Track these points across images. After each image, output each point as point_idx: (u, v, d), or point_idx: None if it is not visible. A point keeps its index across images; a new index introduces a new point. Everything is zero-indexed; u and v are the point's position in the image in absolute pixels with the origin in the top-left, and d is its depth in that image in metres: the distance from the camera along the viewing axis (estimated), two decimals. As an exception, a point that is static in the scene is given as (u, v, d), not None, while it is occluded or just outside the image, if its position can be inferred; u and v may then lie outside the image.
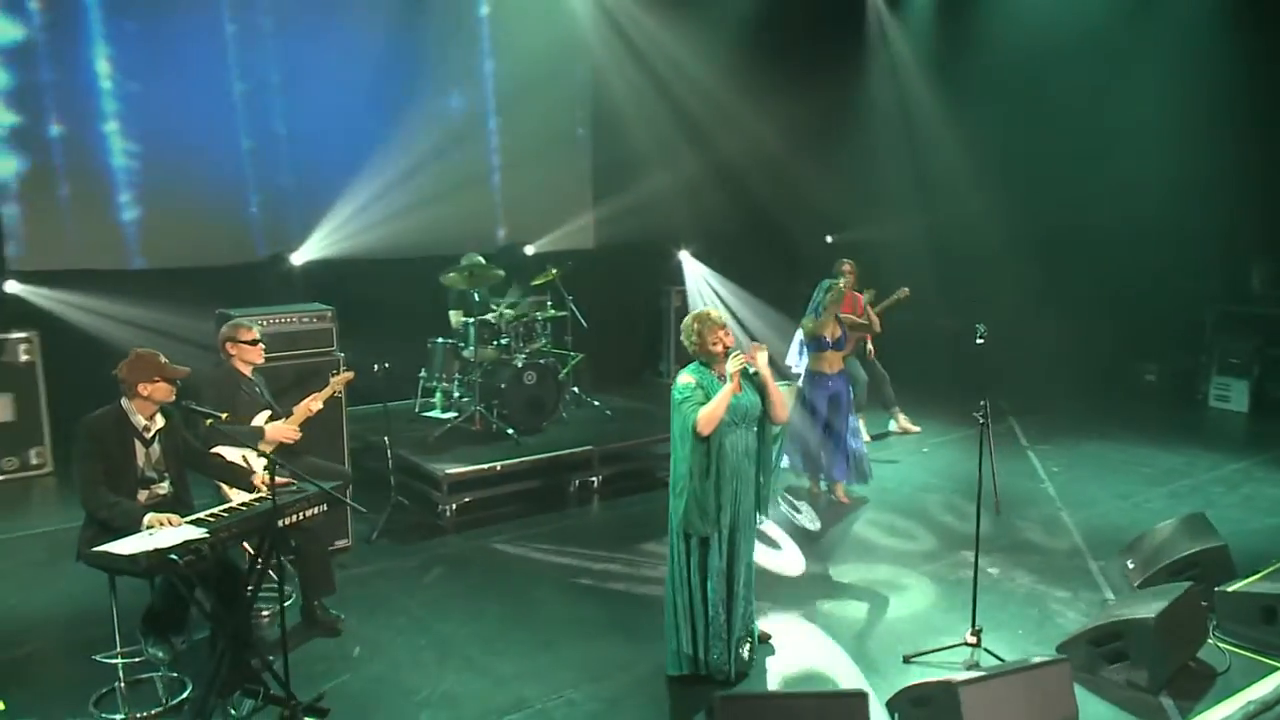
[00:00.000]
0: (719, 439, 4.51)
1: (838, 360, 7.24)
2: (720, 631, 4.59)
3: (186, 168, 8.74)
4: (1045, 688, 4.10)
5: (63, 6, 8.28)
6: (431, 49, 10.08)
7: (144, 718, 4.20)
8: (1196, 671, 4.76)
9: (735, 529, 4.61)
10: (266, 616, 5.32)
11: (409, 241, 9.55)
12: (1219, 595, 5.28)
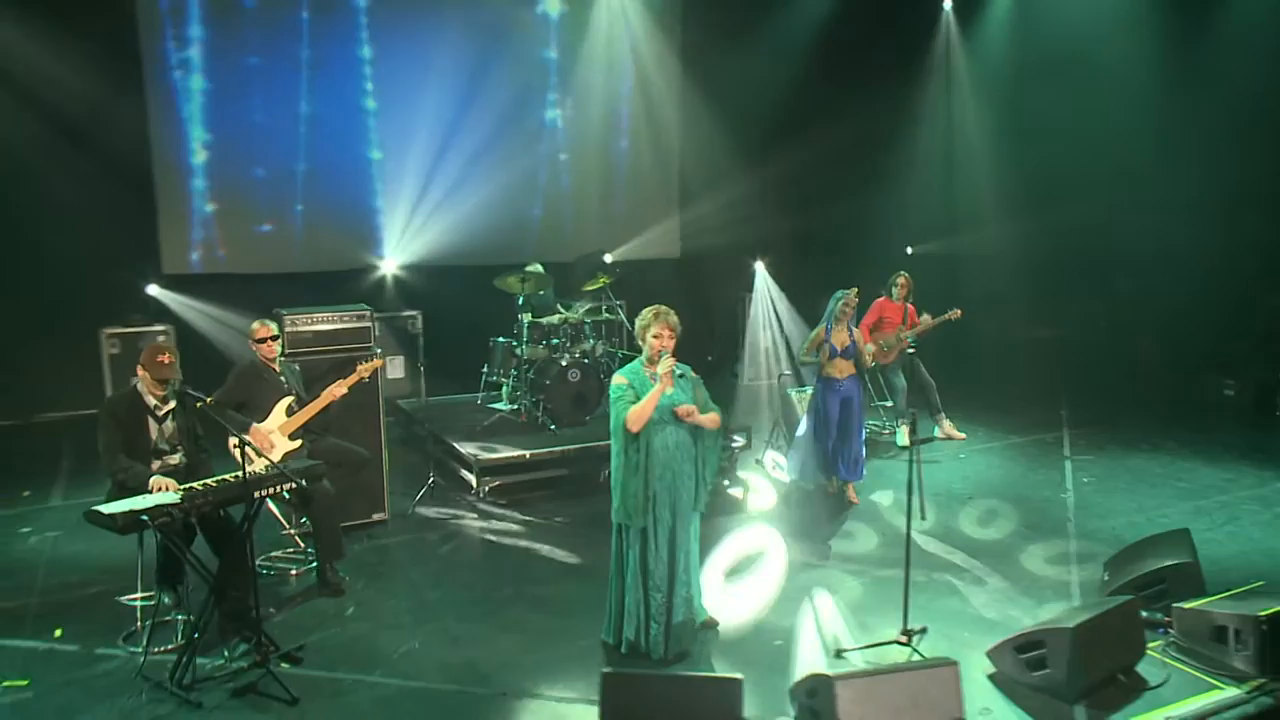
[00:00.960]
0: (647, 436, 4.55)
1: (849, 366, 7.05)
2: (658, 615, 4.62)
3: (299, 187, 9.48)
4: (930, 688, 3.93)
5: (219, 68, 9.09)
6: (521, 72, 10.46)
7: (157, 651, 4.62)
8: (1125, 684, 4.43)
9: (674, 520, 4.63)
10: (295, 575, 5.73)
11: (499, 247, 9.96)
12: (1175, 611, 4.90)
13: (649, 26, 11.15)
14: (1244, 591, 5.01)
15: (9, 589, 5.51)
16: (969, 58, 11.47)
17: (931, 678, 3.97)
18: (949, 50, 11.65)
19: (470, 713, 4.23)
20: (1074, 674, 4.29)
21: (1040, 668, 4.42)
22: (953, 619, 5.16)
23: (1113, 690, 4.39)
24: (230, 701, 4.26)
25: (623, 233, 11.27)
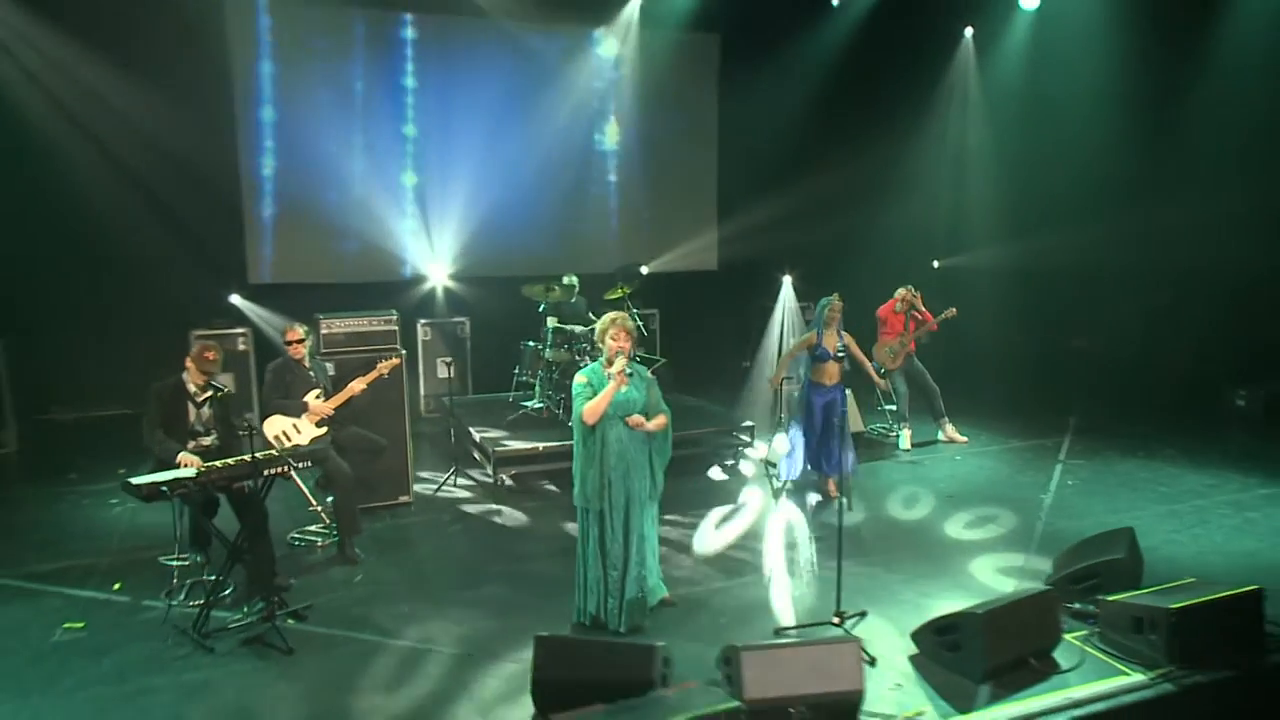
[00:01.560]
0: (602, 430, 4.84)
1: (837, 372, 7.17)
2: (614, 590, 4.89)
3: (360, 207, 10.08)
4: (830, 662, 4.10)
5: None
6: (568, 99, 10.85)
7: (191, 604, 5.11)
8: (1036, 668, 4.49)
9: (628, 505, 4.89)
10: (321, 546, 6.19)
11: (544, 260, 10.37)
12: (1100, 603, 4.92)
13: (689, 56, 11.43)
14: (1171, 587, 4.95)
15: (88, 549, 6.14)
16: (985, 81, 11.36)
17: (833, 652, 4.13)
18: (967, 74, 11.55)
19: (436, 668, 4.56)
20: (981, 656, 4.39)
21: (954, 649, 4.52)
22: (901, 606, 5.23)
23: (1022, 673, 4.45)
24: (238, 649, 4.71)
25: (662, 246, 11.56)
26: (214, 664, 4.58)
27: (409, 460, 6.99)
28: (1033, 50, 10.86)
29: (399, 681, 4.43)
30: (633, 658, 4.04)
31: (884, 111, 11.25)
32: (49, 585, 5.54)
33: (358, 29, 9.94)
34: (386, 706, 4.21)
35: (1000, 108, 11.18)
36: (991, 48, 11.24)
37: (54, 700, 4.26)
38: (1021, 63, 10.97)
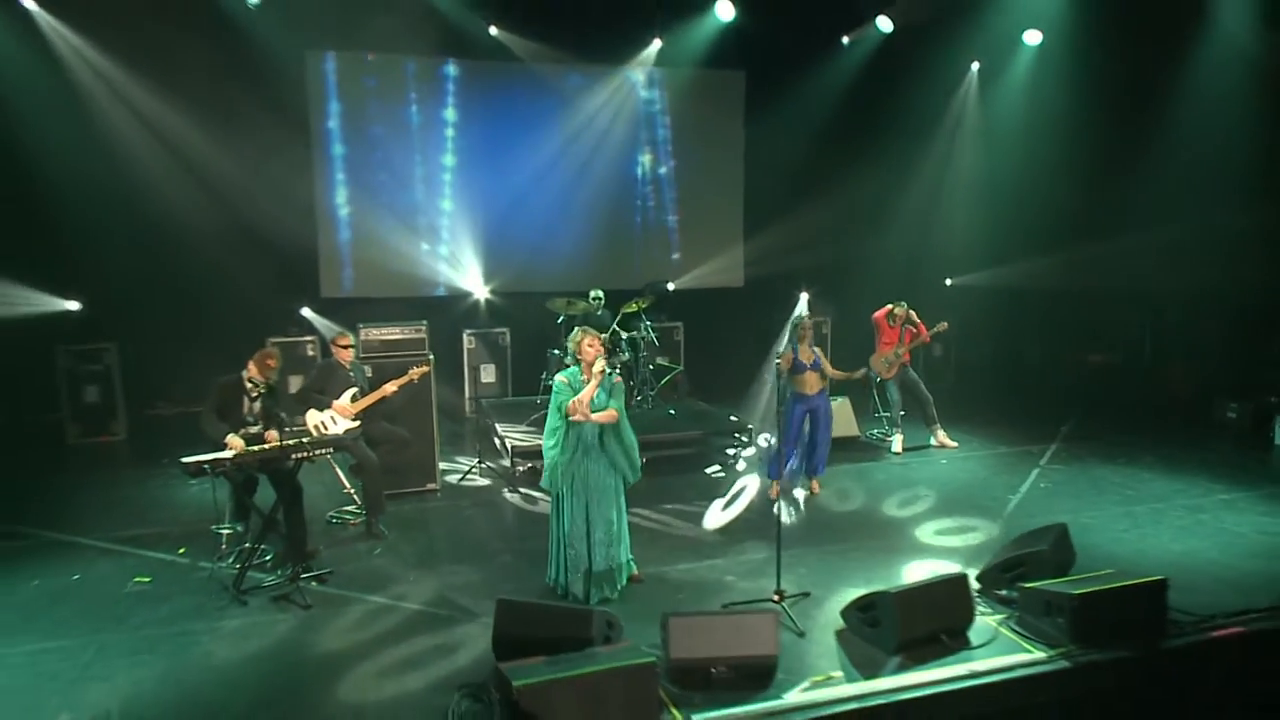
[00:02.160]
0: (575, 426, 5.26)
1: (817, 382, 7.42)
2: (578, 565, 5.30)
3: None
4: (749, 629, 4.42)
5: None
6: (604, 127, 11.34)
7: (236, 566, 5.69)
8: (946, 643, 4.71)
9: (588, 494, 5.29)
10: (354, 524, 6.76)
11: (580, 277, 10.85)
12: (1020, 590, 5.10)
13: (718, 90, 11.80)
14: (1087, 576, 5.09)
15: (165, 519, 6.86)
16: (990, 110, 11.40)
17: (752, 621, 4.46)
18: (972, 103, 11.60)
19: (425, 625, 5.05)
20: (894, 631, 4.65)
21: (874, 625, 4.79)
22: (849, 589, 5.41)
23: (932, 647, 4.69)
24: (267, 604, 5.29)
25: (689, 265, 11.93)
26: (245, 614, 5.17)
27: (436, 452, 7.55)
28: (1034, 81, 10.88)
29: (394, 636, 4.93)
30: (575, 619, 4.44)
31: (896, 138, 11.42)
32: (130, 548, 6.25)
33: (408, 73, 10.61)
34: (379, 653, 4.71)
35: (1004, 135, 11.20)
36: (996, 79, 11.28)
37: (118, 636, 4.91)
38: (1024, 93, 10.99)
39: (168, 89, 9.31)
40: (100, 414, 9.56)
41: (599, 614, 4.50)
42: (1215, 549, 6.14)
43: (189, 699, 4.29)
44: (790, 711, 4.15)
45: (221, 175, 9.64)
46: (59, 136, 8.81)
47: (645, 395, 9.53)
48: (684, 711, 4.11)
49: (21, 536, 6.49)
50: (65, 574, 5.80)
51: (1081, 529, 6.51)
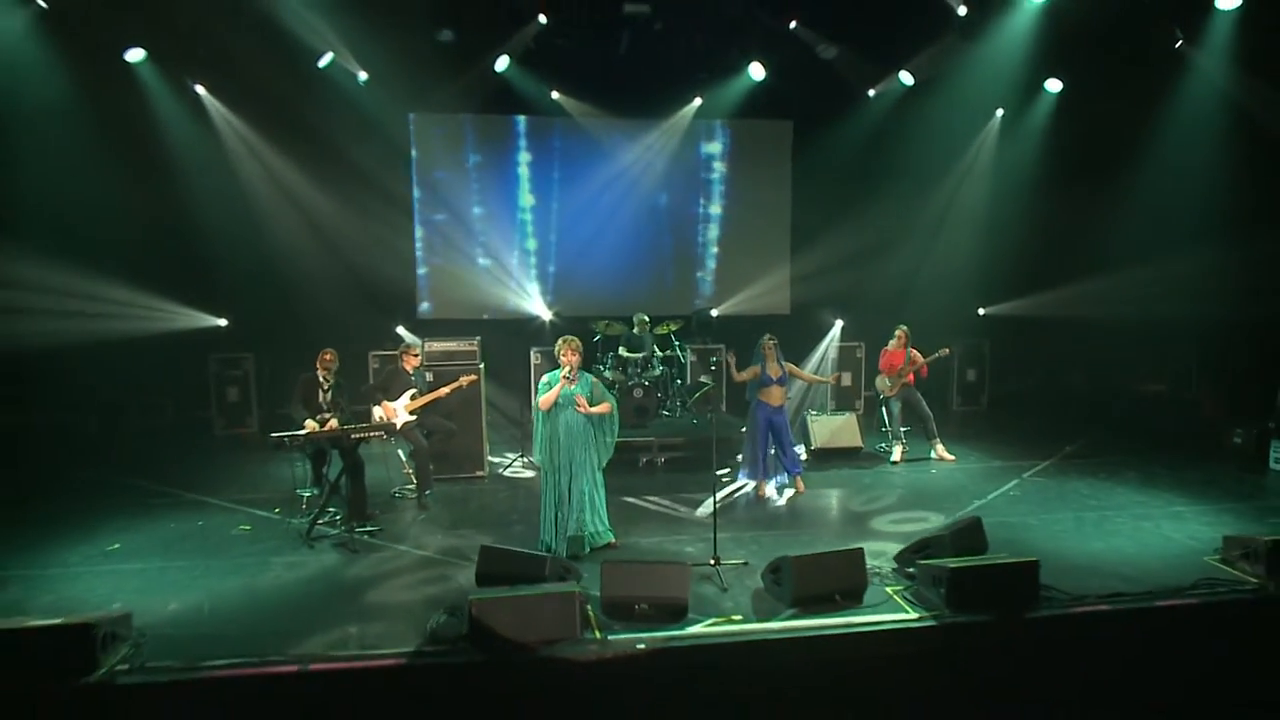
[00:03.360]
0: (555, 415, 6.49)
1: (780, 395, 8.28)
2: (561, 527, 6.50)
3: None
4: (667, 577, 5.47)
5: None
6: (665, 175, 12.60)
7: (308, 521, 7.16)
8: (839, 602, 5.57)
9: (571, 469, 6.49)
10: (410, 498, 8.17)
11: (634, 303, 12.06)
12: (918, 566, 5.90)
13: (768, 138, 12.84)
14: (978, 558, 5.82)
15: (270, 488, 8.44)
16: (1013, 152, 11.89)
17: (670, 571, 5.51)
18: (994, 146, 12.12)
19: (435, 567, 6.36)
20: (791, 588, 5.57)
21: (778, 584, 5.72)
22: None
23: (826, 604, 5.56)
24: (328, 550, 6.75)
25: (736, 292, 12.96)
26: (309, 555, 6.65)
27: (485, 445, 8.92)
28: (1055, 125, 11.36)
29: (409, 571, 6.28)
30: (533, 562, 5.63)
31: (925, 179, 12.09)
32: (242, 506, 7.90)
33: (486, 129, 12.22)
34: (394, 581, 6.06)
35: (1026, 174, 11.68)
36: (1019, 123, 11.79)
37: (220, 562, 6.47)
38: (1045, 136, 11.47)
39: (292, 150, 11.21)
40: (239, 411, 11.49)
41: (554, 560, 5.68)
42: (1134, 550, 6.66)
43: (258, 601, 5.77)
44: (687, 639, 5.18)
45: (333, 217, 11.48)
46: (213, 189, 10.86)
47: (674, 405, 10.62)
48: (604, 632, 5.21)
49: (168, 495, 8.28)
50: (193, 521, 7.49)
51: (1023, 528, 7.23)
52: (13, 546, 6.74)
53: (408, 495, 8.24)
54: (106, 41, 9.16)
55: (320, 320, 11.44)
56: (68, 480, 8.71)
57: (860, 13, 9.91)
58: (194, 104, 10.73)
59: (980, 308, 12.81)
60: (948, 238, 12.36)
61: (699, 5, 10.36)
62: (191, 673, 4.71)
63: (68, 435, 10.36)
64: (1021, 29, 9.05)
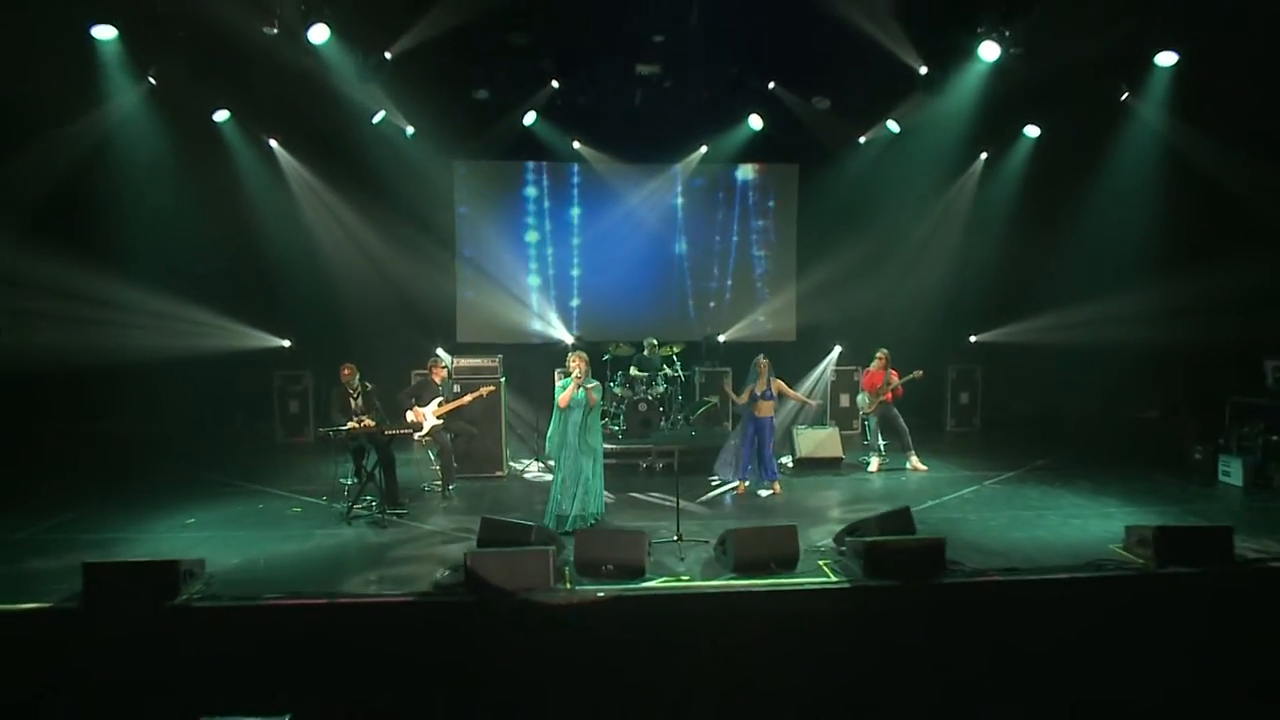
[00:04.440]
0: (566, 415, 7.82)
1: (770, 408, 9.42)
2: (558, 509, 7.76)
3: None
4: (628, 543, 6.64)
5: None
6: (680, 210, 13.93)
7: (348, 504, 8.53)
8: (773, 568, 6.64)
9: (574, 460, 7.76)
10: (437, 491, 9.50)
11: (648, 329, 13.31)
12: (846, 543, 6.96)
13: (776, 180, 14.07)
14: (903, 536, 6.83)
15: (319, 480, 9.76)
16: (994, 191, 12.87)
17: (630, 538, 6.68)
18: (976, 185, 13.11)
19: (447, 540, 7.63)
20: (732, 555, 6.68)
21: (724, 553, 6.84)
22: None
23: (762, 570, 6.63)
24: (363, 526, 8.11)
25: (741, 319, 14.12)
26: (347, 530, 8.02)
27: (504, 448, 10.23)
28: (1034, 166, 12.36)
29: (425, 541, 7.59)
30: (521, 530, 6.86)
31: (917, 214, 13.16)
32: (295, 494, 9.32)
33: (515, 173, 13.73)
34: (412, 547, 7.36)
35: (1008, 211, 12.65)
36: (1002, 164, 12.79)
37: (274, 533, 7.88)
38: (1024, 176, 12.47)
39: (349, 193, 12.84)
40: (298, 421, 13.03)
41: (539, 529, 6.92)
42: (1051, 540, 7.57)
43: (302, 558, 7.16)
44: (640, 591, 6.33)
45: (383, 251, 13.05)
46: (281, 228, 12.55)
47: (676, 418, 11.81)
48: (573, 583, 6.40)
49: (235, 486, 9.76)
50: (254, 504, 8.93)
51: (961, 522, 8.22)
52: (116, 520, 8.28)
53: (434, 489, 9.57)
54: (199, 106, 10.91)
55: (370, 342, 12.89)
56: (154, 474, 10.28)
57: (835, 75, 11.12)
58: (267, 155, 12.47)
59: (972, 335, 13.70)
60: (941, 269, 13.30)
61: (703, 66, 11.69)
62: (247, 601, 6.07)
63: (153, 440, 12.02)
64: (975, 85, 10.13)
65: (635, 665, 5.83)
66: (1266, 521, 8.13)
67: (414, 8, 9.43)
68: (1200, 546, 6.79)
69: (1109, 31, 9.53)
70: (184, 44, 9.30)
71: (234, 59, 9.87)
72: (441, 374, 9.64)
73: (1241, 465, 9.50)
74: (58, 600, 6.05)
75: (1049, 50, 9.78)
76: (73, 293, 9.58)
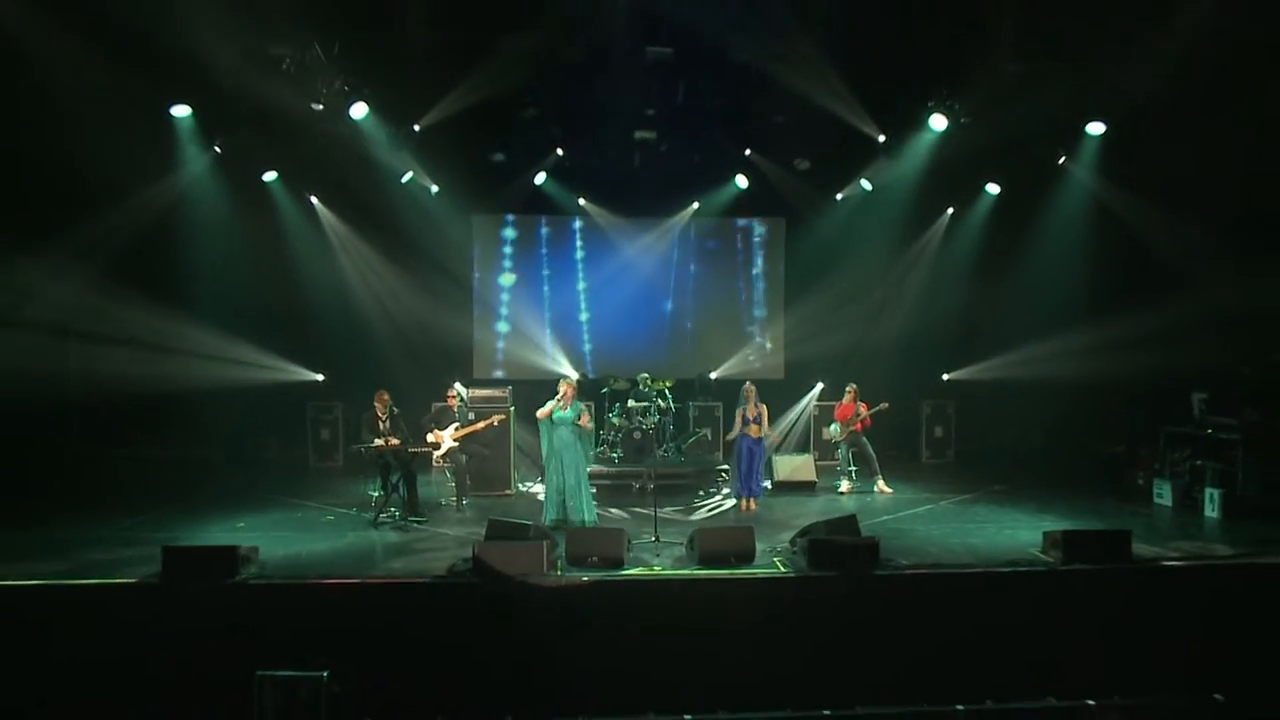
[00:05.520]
0: (552, 430, 9.16)
1: (758, 429, 10.68)
2: (558, 511, 9.05)
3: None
4: (609, 541, 7.90)
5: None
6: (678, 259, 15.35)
7: (375, 512, 9.85)
8: (734, 562, 7.85)
9: (564, 470, 9.07)
10: (451, 507, 10.79)
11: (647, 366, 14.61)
12: (797, 542, 8.16)
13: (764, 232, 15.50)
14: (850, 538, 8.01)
15: (349, 495, 11.15)
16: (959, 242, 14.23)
17: (610, 536, 7.94)
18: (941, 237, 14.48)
19: (461, 541, 8.88)
20: (696, 550, 7.91)
21: (691, 549, 8.07)
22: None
23: (723, 563, 7.83)
24: (388, 532, 9.42)
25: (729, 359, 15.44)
26: (374, 533, 9.34)
27: (512, 469, 11.54)
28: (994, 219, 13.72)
29: (440, 541, 8.85)
30: (521, 528, 8.13)
31: (891, 262, 14.52)
32: (330, 507, 10.64)
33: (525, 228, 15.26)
34: (429, 545, 8.65)
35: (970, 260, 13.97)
36: (965, 218, 14.15)
37: (311, 534, 9.23)
38: (985, 227, 13.82)
39: (379, 243, 14.37)
40: (329, 448, 14.38)
41: (536, 527, 8.19)
42: (982, 545, 8.68)
43: (336, 552, 8.47)
44: (617, 578, 7.56)
45: (407, 296, 14.54)
46: (318, 273, 14.10)
47: (668, 447, 13.09)
48: (564, 570, 7.65)
49: (276, 500, 11.09)
50: (293, 514, 10.27)
51: (908, 531, 9.41)
52: (179, 523, 9.63)
53: (450, 503, 10.87)
54: (253, 169, 12.55)
55: (394, 375, 14.29)
56: (205, 489, 11.66)
57: (810, 140, 12.60)
58: (308, 210, 14.09)
59: (944, 374, 14.91)
60: (913, 312, 14.58)
61: (694, 132, 13.22)
62: (292, 580, 7.39)
63: (199, 463, 13.41)
64: (930, 151, 11.56)
65: (613, 637, 7.08)
66: (1181, 532, 9.30)
67: (440, 88, 11.01)
68: (1101, 547, 7.93)
69: (1045, 105, 10.91)
70: (244, 118, 10.92)
71: (284, 129, 11.49)
72: (454, 403, 11.01)
73: (1171, 488, 10.60)
74: (141, 578, 7.40)
75: (993, 120, 11.17)
76: (146, 329, 11.12)
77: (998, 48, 10.07)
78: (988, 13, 10.00)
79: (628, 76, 11.04)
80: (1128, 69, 10.02)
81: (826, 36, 9.65)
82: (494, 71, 10.36)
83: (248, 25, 9.68)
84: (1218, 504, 9.87)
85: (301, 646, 6.73)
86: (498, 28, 10.18)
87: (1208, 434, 10.57)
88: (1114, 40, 9.88)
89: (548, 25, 9.66)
